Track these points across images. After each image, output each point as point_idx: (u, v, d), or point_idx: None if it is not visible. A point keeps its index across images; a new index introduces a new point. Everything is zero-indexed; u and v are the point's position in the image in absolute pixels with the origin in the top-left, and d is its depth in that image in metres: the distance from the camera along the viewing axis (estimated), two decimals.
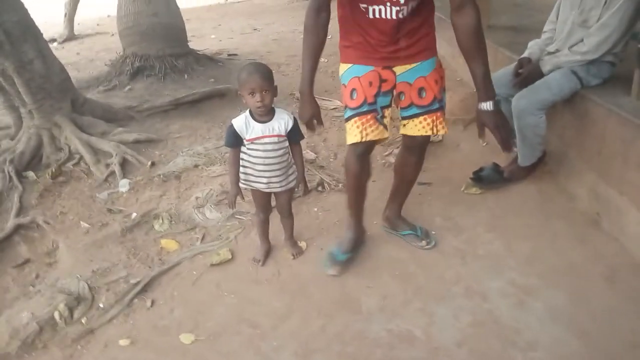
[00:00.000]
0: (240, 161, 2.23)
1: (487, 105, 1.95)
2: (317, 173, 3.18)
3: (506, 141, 1.98)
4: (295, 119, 2.21)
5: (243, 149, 2.19)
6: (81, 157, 3.52)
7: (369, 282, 2.19)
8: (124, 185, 3.24)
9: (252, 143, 2.16)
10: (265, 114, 2.13)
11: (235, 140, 2.19)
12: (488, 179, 2.82)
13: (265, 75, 2.05)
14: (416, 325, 1.99)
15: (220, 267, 2.46)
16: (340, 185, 3.03)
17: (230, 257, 2.50)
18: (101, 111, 4.00)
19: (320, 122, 2.16)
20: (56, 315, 2.23)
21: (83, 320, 2.23)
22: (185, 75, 4.94)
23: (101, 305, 2.30)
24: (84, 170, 3.45)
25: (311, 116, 2.11)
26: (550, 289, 2.07)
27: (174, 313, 2.22)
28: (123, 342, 2.10)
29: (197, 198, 2.98)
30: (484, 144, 3.34)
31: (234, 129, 2.15)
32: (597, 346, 1.81)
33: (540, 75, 2.61)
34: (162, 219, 2.86)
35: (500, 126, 1.96)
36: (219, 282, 2.36)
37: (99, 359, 2.04)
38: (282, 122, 2.16)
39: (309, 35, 2.01)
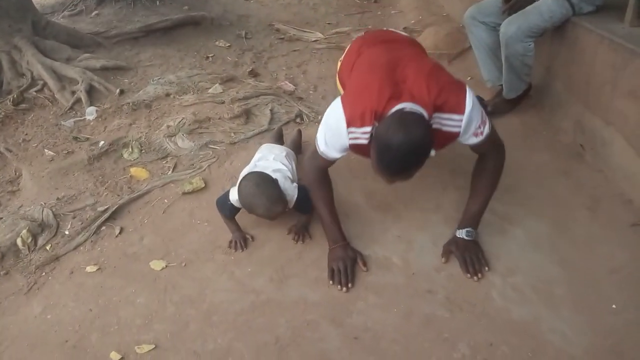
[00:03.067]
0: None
1: (462, 233, 1.90)
2: (296, 105, 3.05)
3: (472, 272, 1.83)
4: (300, 191, 2.00)
5: None
6: (45, 84, 3.31)
7: (347, 212, 2.13)
8: (90, 113, 3.07)
9: None
10: None
11: (232, 212, 2.04)
12: None
13: (281, 200, 1.90)
14: (394, 252, 1.95)
15: (193, 195, 2.36)
16: (319, 117, 2.91)
17: (203, 185, 2.40)
18: (65, 35, 3.73)
19: (364, 263, 1.91)
20: (19, 241, 2.14)
21: (47, 247, 2.15)
22: (157, 2, 4.63)
23: (67, 233, 2.21)
24: (48, 97, 3.25)
25: (353, 260, 1.90)
26: (532, 217, 2.04)
27: (143, 241, 2.14)
28: (90, 268, 2.02)
29: (168, 127, 2.84)
30: (469, 79, 3.24)
31: (234, 205, 2.00)
32: (577, 271, 1.80)
33: (531, 1, 2.48)
34: (132, 148, 2.72)
35: (467, 257, 1.85)
36: (191, 210, 2.27)
37: (65, 285, 1.96)
38: (290, 203, 1.98)
39: (319, 190, 1.94)
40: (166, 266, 1.99)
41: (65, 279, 1.98)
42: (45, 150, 2.78)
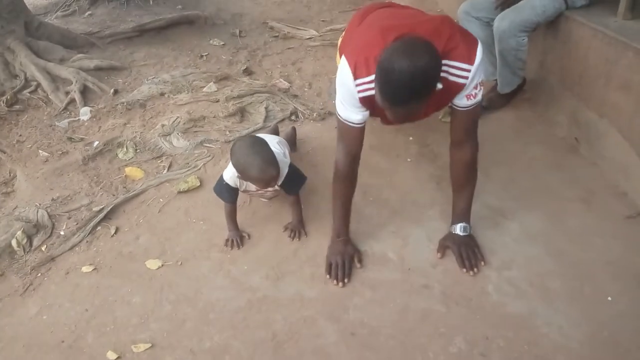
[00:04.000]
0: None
1: (458, 229, 1.89)
2: (291, 102, 3.05)
3: (468, 266, 1.83)
4: (290, 168, 1.98)
5: None
6: (38, 85, 3.30)
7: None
8: (85, 113, 3.06)
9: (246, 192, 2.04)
10: None
11: (231, 195, 2.01)
12: None
13: (276, 163, 1.86)
14: (390, 248, 1.95)
15: (189, 194, 2.36)
16: (314, 114, 2.91)
17: (198, 184, 2.40)
18: (59, 36, 3.71)
19: (360, 260, 1.90)
20: (14, 243, 2.13)
21: (43, 248, 2.14)
22: (151, 1, 4.62)
23: (62, 233, 2.20)
24: (42, 98, 3.23)
25: (351, 256, 1.90)
26: (526, 210, 2.04)
27: (139, 240, 2.13)
28: (86, 268, 2.01)
29: (163, 126, 2.83)
30: None
31: (229, 185, 1.98)
32: (572, 264, 1.80)
33: None
34: (127, 148, 2.72)
35: (464, 252, 1.85)
36: (187, 209, 2.27)
37: (61, 285, 1.95)
38: (280, 178, 1.95)
39: (343, 185, 1.87)
40: (162, 265, 1.99)
41: (60, 280, 1.98)
42: (40, 151, 2.77)
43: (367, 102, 1.69)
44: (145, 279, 1.94)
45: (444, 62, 1.56)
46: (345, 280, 1.82)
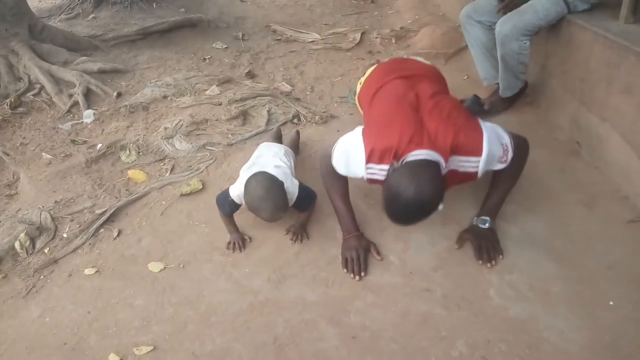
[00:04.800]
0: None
1: (480, 221, 1.94)
2: (293, 106, 3.06)
3: (485, 259, 1.86)
4: (300, 190, 2.00)
5: None
6: (42, 87, 3.32)
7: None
8: (88, 116, 3.07)
9: None
10: None
11: (232, 209, 2.04)
12: (469, 111, 2.74)
13: (286, 205, 1.91)
14: (391, 251, 1.95)
15: (191, 197, 2.37)
16: (316, 117, 2.92)
17: (201, 187, 2.41)
18: (62, 39, 3.74)
19: (378, 252, 1.95)
20: (17, 245, 2.14)
21: (46, 250, 2.15)
22: (154, 4, 4.65)
23: (65, 235, 2.21)
24: (46, 101, 3.26)
25: (366, 249, 1.93)
26: (528, 214, 2.05)
27: (141, 242, 2.14)
28: (88, 271, 2.02)
29: (165, 129, 2.85)
30: (465, 77, 3.25)
31: (233, 201, 1.99)
32: (573, 268, 1.80)
33: (526, 0, 2.48)
34: (129, 150, 2.73)
35: (483, 244, 1.88)
36: (189, 212, 2.28)
37: (64, 288, 1.96)
38: (290, 201, 1.97)
39: (335, 182, 1.96)
40: (164, 268, 1.99)
41: (63, 282, 1.99)
42: (43, 154, 2.79)
43: (373, 182, 1.81)
44: (148, 281, 1.94)
45: (453, 157, 1.72)
46: (363, 274, 1.85)
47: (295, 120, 2.94)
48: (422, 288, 1.80)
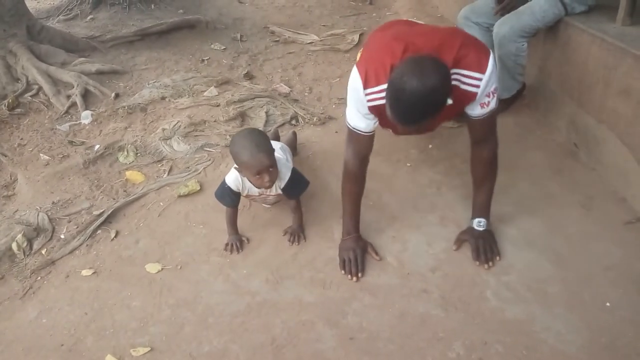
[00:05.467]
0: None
1: (475, 223, 1.92)
2: (291, 107, 3.06)
3: (482, 260, 1.86)
4: (293, 173, 1.99)
5: None
6: (40, 88, 3.32)
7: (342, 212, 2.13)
8: (86, 117, 3.07)
9: (249, 197, 2.05)
10: None
11: (233, 199, 2.01)
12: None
13: (270, 152, 1.83)
14: (389, 252, 1.95)
15: (189, 198, 2.36)
16: (314, 119, 2.92)
17: (198, 188, 2.41)
18: (61, 40, 3.74)
19: (376, 252, 1.94)
20: (14, 246, 2.13)
21: (43, 252, 2.14)
22: (152, 5, 4.65)
23: (62, 237, 2.20)
24: (44, 102, 3.25)
25: (363, 250, 1.92)
26: (526, 216, 2.05)
27: (139, 244, 2.14)
28: (86, 272, 2.02)
29: (164, 130, 2.84)
30: None
31: (231, 189, 1.97)
32: (571, 269, 1.81)
33: (524, 1, 2.49)
34: (127, 151, 2.72)
35: (481, 246, 1.87)
36: (187, 213, 2.27)
37: (61, 289, 1.96)
38: (282, 181, 1.97)
39: (352, 184, 1.91)
40: (162, 269, 1.99)
41: (60, 283, 1.98)
42: (41, 155, 2.78)
43: (376, 111, 1.73)
44: (145, 282, 1.94)
45: (454, 70, 1.59)
46: (360, 275, 1.84)
47: (294, 122, 2.94)
48: (420, 289, 1.80)
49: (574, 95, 2.41)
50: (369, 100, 1.69)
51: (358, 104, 1.73)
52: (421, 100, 1.44)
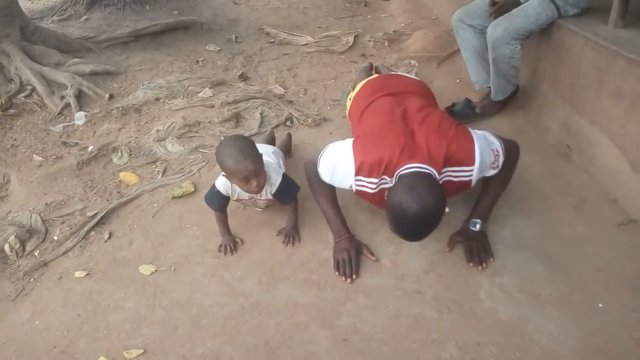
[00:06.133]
0: None
1: (470, 224, 1.93)
2: (286, 108, 3.06)
3: (476, 262, 1.87)
4: (284, 178, 1.99)
5: None
6: (33, 89, 3.30)
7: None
8: (79, 118, 3.06)
9: (239, 201, 2.05)
10: None
11: (222, 203, 2.01)
12: (460, 114, 2.75)
13: (255, 158, 1.81)
14: (383, 254, 1.96)
15: (183, 199, 2.36)
16: (309, 120, 2.92)
17: (192, 189, 2.40)
18: (54, 41, 3.72)
19: (371, 253, 1.95)
20: (6, 247, 2.12)
21: (36, 253, 2.14)
22: (147, 6, 4.63)
23: (55, 238, 2.20)
24: (37, 103, 3.24)
25: (357, 251, 1.93)
26: (519, 217, 2.06)
27: (133, 245, 2.13)
28: (79, 274, 2.01)
29: (158, 131, 2.84)
30: (457, 81, 3.27)
31: (220, 193, 1.97)
32: (563, 270, 1.81)
33: (517, 4, 2.50)
34: (121, 152, 2.72)
35: (474, 247, 1.89)
36: (181, 215, 2.27)
37: (54, 291, 1.95)
38: (273, 187, 1.97)
39: (321, 187, 1.94)
40: (155, 270, 1.99)
41: (53, 285, 1.97)
42: (34, 156, 2.77)
43: (361, 194, 1.83)
44: (139, 284, 1.93)
45: (446, 169, 1.72)
46: (354, 277, 1.85)
47: (288, 123, 2.94)
48: (414, 290, 1.80)
49: (567, 97, 2.42)
50: (358, 185, 1.79)
51: (343, 178, 1.82)
52: (423, 222, 1.58)
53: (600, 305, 1.68)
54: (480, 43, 2.68)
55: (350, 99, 2.36)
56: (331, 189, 1.96)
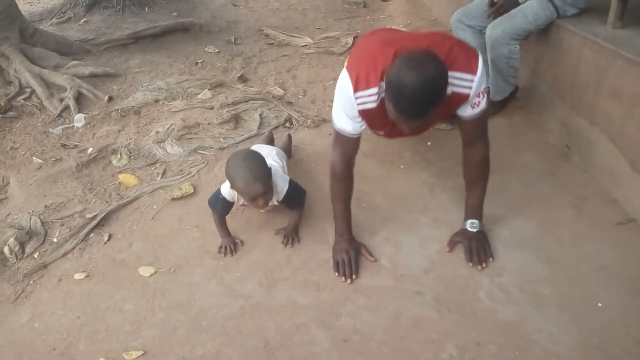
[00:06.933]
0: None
1: (468, 224, 1.93)
2: (285, 109, 3.06)
3: (475, 261, 1.87)
4: (290, 185, 1.98)
5: None
6: (33, 91, 3.30)
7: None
8: (79, 120, 3.06)
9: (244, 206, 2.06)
10: None
11: (225, 207, 2.01)
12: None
13: (265, 179, 1.83)
14: (382, 254, 1.95)
15: (182, 201, 2.36)
16: (309, 121, 2.92)
17: (192, 191, 2.40)
18: (54, 43, 3.72)
19: (371, 254, 1.94)
20: (6, 250, 2.12)
21: (35, 255, 2.13)
22: (146, 8, 4.64)
23: (55, 240, 2.20)
24: (37, 105, 3.24)
25: (357, 252, 1.92)
26: (518, 217, 2.06)
27: (132, 247, 2.13)
28: (78, 276, 2.01)
29: (157, 133, 2.84)
30: None
31: (225, 199, 1.97)
32: (563, 270, 1.81)
33: (516, 4, 2.51)
34: (121, 154, 2.72)
35: (474, 247, 1.88)
36: (180, 216, 2.27)
37: (53, 293, 1.95)
38: (279, 195, 1.97)
39: (340, 185, 1.90)
40: (155, 272, 1.99)
41: (53, 287, 1.97)
42: (33, 158, 2.77)
43: (365, 115, 1.74)
44: (138, 286, 1.93)
45: (450, 73, 1.59)
46: (354, 277, 1.85)
47: (288, 124, 2.94)
48: (413, 291, 1.80)
49: (566, 97, 2.42)
50: (359, 104, 1.70)
51: (347, 107, 1.74)
52: (424, 90, 1.44)
53: (600, 304, 1.68)
54: (478, 44, 2.68)
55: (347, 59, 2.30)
56: (348, 190, 1.92)
